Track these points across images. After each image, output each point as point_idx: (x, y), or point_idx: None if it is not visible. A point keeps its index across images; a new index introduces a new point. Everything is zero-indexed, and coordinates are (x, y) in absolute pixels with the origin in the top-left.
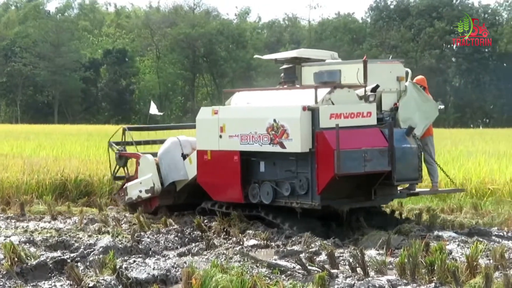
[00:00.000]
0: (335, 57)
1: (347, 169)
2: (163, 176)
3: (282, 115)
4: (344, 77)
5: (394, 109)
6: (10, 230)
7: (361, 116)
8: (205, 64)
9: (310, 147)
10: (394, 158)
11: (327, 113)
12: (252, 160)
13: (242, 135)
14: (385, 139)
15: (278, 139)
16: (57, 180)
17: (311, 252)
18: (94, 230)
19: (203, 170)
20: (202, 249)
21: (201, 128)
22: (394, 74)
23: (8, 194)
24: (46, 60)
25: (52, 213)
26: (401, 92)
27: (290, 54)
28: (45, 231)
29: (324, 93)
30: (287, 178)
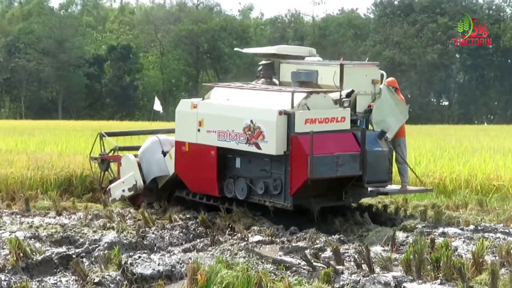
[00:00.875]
0: (313, 53)
1: (319, 174)
2: (144, 173)
3: (259, 117)
4: (321, 78)
5: (368, 111)
6: (15, 225)
7: (335, 121)
8: (208, 60)
9: (285, 150)
10: (366, 161)
11: (302, 118)
12: (228, 156)
13: (220, 132)
14: (358, 143)
15: (254, 139)
16: (62, 176)
17: (316, 248)
18: (99, 225)
19: (180, 161)
20: (207, 245)
21: (180, 120)
22: (370, 77)
23: (13, 190)
24: (50, 56)
25: (57, 208)
26: (375, 94)
27: (270, 50)
28: (50, 227)
29: (301, 98)
30: (261, 177)
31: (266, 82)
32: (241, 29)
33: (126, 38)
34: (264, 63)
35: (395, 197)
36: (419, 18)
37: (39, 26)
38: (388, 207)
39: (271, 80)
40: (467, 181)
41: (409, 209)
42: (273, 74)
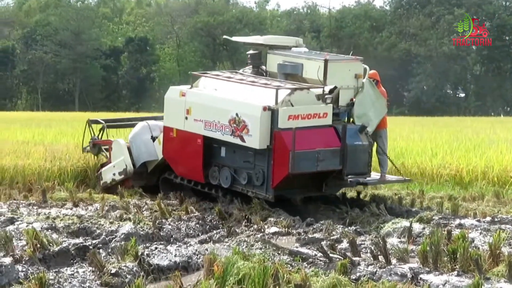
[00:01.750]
0: (300, 44)
1: (300, 169)
2: (134, 158)
3: (244, 111)
4: (306, 72)
5: (350, 104)
6: (32, 216)
7: (317, 116)
8: (225, 52)
9: (268, 144)
10: (346, 155)
11: (286, 115)
12: (214, 145)
13: (206, 121)
14: (338, 138)
15: (239, 132)
16: (78, 167)
17: (333, 239)
18: (116, 217)
19: (168, 146)
20: (224, 236)
21: (169, 106)
22: (353, 72)
23: (30, 181)
24: (67, 48)
25: (74, 200)
26: (358, 88)
27: (257, 40)
28: (67, 218)
29: (285, 94)
30: (245, 167)
31: (254, 71)
32: (258, 21)
33: (142, 30)
34: (251, 52)
35: (412, 188)
36: (435, 9)
37: (56, 18)
38: (404, 198)
39: (258, 70)
40: (483, 173)
41: (425, 201)
42: (260, 63)
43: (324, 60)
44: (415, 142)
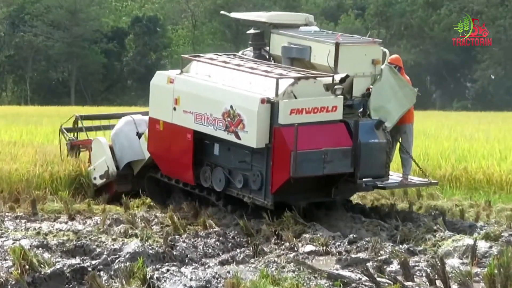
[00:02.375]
0: (310, 21)
1: (303, 172)
2: (117, 158)
3: (240, 103)
4: (314, 56)
5: (366, 95)
6: (20, 232)
7: (325, 110)
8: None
9: (267, 142)
10: (359, 155)
11: (287, 109)
12: (206, 141)
13: (197, 114)
14: (350, 136)
15: (233, 127)
16: (74, 173)
17: (380, 260)
18: (120, 232)
19: (153, 140)
20: (249, 256)
21: (155, 95)
22: (370, 57)
23: (17, 189)
24: (61, 30)
25: (69, 212)
26: (375, 76)
27: (260, 17)
28: (61, 234)
29: (287, 84)
30: (241, 169)
31: (255, 54)
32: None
33: (151, 8)
34: (252, 32)
35: (476, 198)
36: None
37: None
38: (466, 211)
39: (260, 53)
40: None
41: (492, 214)
42: (263, 45)
43: (335, 44)
44: (480, 143)
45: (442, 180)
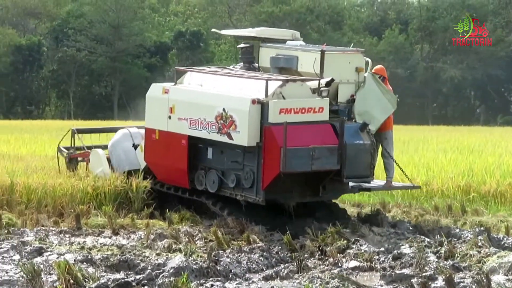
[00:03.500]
0: (296, 37)
1: (293, 167)
2: (114, 168)
3: (231, 106)
4: (301, 65)
5: (350, 101)
6: (64, 246)
7: (312, 111)
8: None
9: (258, 141)
10: (345, 155)
11: (276, 108)
12: (200, 146)
13: (191, 120)
14: (336, 135)
15: (226, 129)
16: (118, 188)
17: (425, 276)
18: (163, 247)
19: (150, 150)
20: (293, 271)
21: (150, 106)
22: (353, 65)
23: (61, 204)
24: (104, 44)
25: (113, 226)
26: (359, 83)
27: (249, 32)
28: (105, 248)
29: (276, 86)
30: (233, 168)
31: (245, 67)
32: (333, 12)
33: (194, 22)
34: (242, 46)
35: None
36: None
37: (91, 8)
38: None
39: (250, 65)
40: None
41: None
42: (252, 58)
43: (320, 51)
44: None
45: (487, 195)
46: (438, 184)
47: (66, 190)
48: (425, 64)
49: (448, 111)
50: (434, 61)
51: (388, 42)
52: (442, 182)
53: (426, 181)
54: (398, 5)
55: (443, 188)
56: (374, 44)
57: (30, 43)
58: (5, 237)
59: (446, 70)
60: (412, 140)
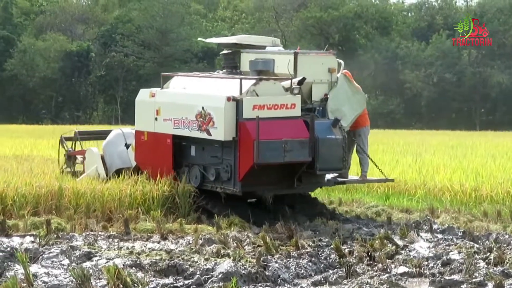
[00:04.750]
0: (276, 44)
1: (266, 159)
2: (108, 166)
3: (209, 104)
4: (277, 67)
5: (324, 99)
6: (113, 251)
7: (285, 107)
8: (340, 54)
9: (234, 136)
10: (317, 149)
11: (250, 104)
12: (184, 144)
13: (175, 120)
14: (307, 130)
15: (205, 126)
16: (166, 192)
17: (475, 282)
18: (212, 252)
19: (139, 150)
20: (342, 277)
21: (139, 109)
22: (326, 66)
23: (110, 209)
24: (151, 50)
25: (162, 231)
26: (332, 83)
27: (230, 39)
28: (154, 253)
29: (249, 84)
30: (213, 163)
31: (228, 72)
32: (381, 17)
33: (241, 27)
34: (225, 53)
35: None
36: None
37: (139, 14)
38: None
39: (232, 70)
40: None
41: None
42: (234, 64)
43: (293, 53)
44: None
45: None
46: (487, 190)
47: (115, 195)
48: (472, 69)
49: (496, 116)
50: (482, 66)
51: (435, 47)
52: (491, 187)
53: (475, 187)
54: (445, 10)
55: (492, 193)
56: (422, 49)
57: (80, 49)
58: (54, 242)
59: (494, 75)
60: (460, 146)
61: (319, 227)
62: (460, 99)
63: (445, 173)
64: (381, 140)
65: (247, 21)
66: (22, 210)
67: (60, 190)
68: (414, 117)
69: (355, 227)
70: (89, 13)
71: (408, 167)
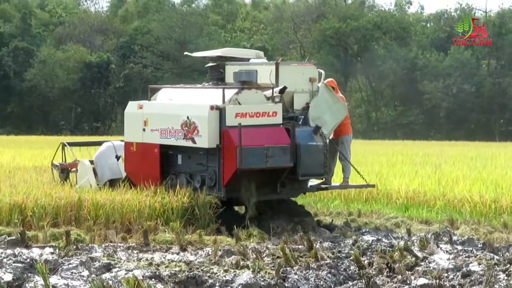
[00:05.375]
0: (260, 56)
1: (249, 164)
2: (99, 177)
3: (194, 113)
4: (260, 77)
5: (305, 108)
6: (132, 262)
7: (266, 115)
8: (359, 65)
9: (218, 143)
10: (299, 155)
11: (233, 112)
12: (170, 153)
13: (162, 129)
14: (289, 137)
15: (190, 134)
16: (185, 204)
17: None
18: (231, 263)
19: (129, 161)
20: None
21: (128, 121)
22: (307, 76)
23: (129, 220)
24: (170, 61)
25: (181, 242)
26: (313, 92)
27: (216, 52)
28: (173, 264)
29: (232, 93)
30: (199, 170)
31: (213, 84)
32: (400, 27)
33: (260, 38)
34: (210, 65)
35: None
36: None
37: (158, 25)
38: None
39: (218, 82)
40: None
41: None
42: (220, 75)
43: (275, 64)
44: None
45: None
46: (507, 201)
47: (134, 206)
48: (491, 80)
49: None
50: (501, 77)
51: (454, 57)
52: (511, 198)
53: (494, 198)
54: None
55: None
56: (440, 60)
57: (100, 60)
58: (74, 253)
59: None
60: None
61: (339, 238)
62: (479, 110)
63: (465, 184)
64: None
65: (266, 31)
66: (42, 221)
67: (80, 201)
68: (433, 128)
69: (374, 239)
70: (108, 24)
71: (427, 178)
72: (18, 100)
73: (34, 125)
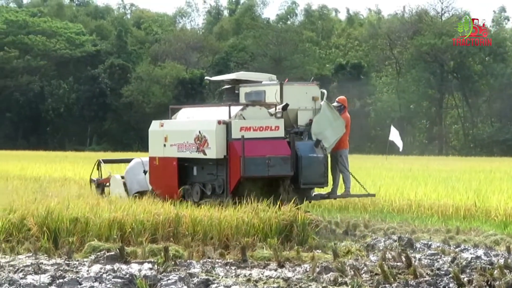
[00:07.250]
0: (273, 79)
1: (251, 173)
2: (128, 190)
3: (204, 128)
4: (268, 97)
5: (309, 124)
6: (231, 278)
7: (269, 129)
8: (455, 81)
9: (225, 154)
10: (301, 165)
11: (237, 126)
12: (186, 165)
13: (179, 144)
14: (290, 148)
15: (201, 147)
16: (283, 220)
17: None
18: (329, 280)
19: (153, 174)
20: None
21: (152, 138)
22: (310, 95)
23: (227, 236)
24: None
25: (279, 259)
26: (316, 110)
27: (231, 76)
28: (271, 281)
29: (237, 109)
30: (210, 180)
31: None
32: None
33: (355, 55)
34: (226, 87)
35: None
36: None
37: (253, 41)
38: None
39: (232, 103)
40: None
41: None
42: (234, 97)
43: (279, 84)
44: None
45: None
46: None
47: (232, 223)
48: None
49: None
50: None
51: None
52: None
53: None
54: None
55: None
56: None
57: (192, 76)
58: (172, 269)
59: None
60: None
61: (437, 255)
62: None
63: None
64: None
65: (361, 48)
66: (140, 237)
67: (178, 218)
68: None
69: (474, 256)
70: (203, 41)
71: None
72: (115, 116)
73: (127, 141)
